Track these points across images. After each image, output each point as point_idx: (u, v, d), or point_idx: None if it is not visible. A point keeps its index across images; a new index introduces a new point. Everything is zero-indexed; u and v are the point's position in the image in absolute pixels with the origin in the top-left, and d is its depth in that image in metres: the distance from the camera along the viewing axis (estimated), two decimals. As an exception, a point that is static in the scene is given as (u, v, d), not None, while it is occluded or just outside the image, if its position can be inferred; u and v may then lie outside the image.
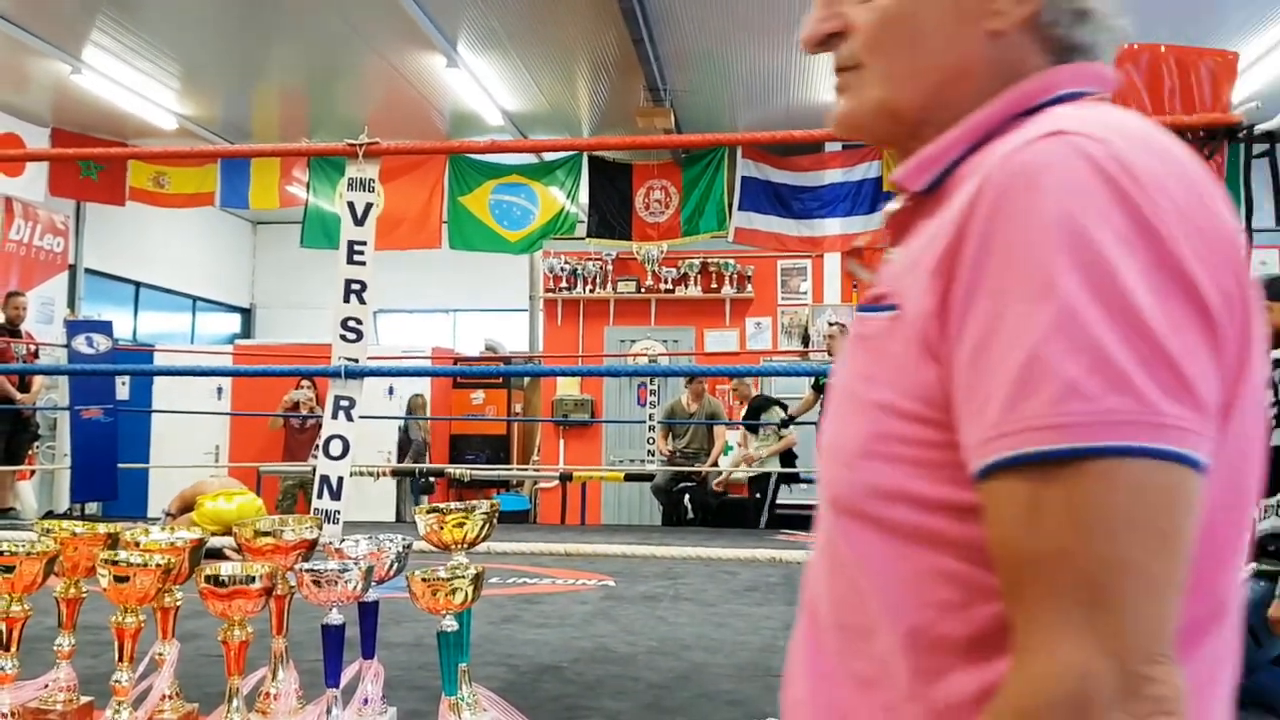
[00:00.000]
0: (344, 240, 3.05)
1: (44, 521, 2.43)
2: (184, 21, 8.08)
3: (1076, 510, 0.64)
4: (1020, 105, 0.80)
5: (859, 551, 0.79)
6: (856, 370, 0.81)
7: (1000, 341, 0.68)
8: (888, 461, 0.76)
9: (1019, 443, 0.66)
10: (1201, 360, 0.67)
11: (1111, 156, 0.69)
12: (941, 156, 0.82)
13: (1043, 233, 0.67)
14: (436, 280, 13.70)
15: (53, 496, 10.47)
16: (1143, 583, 0.64)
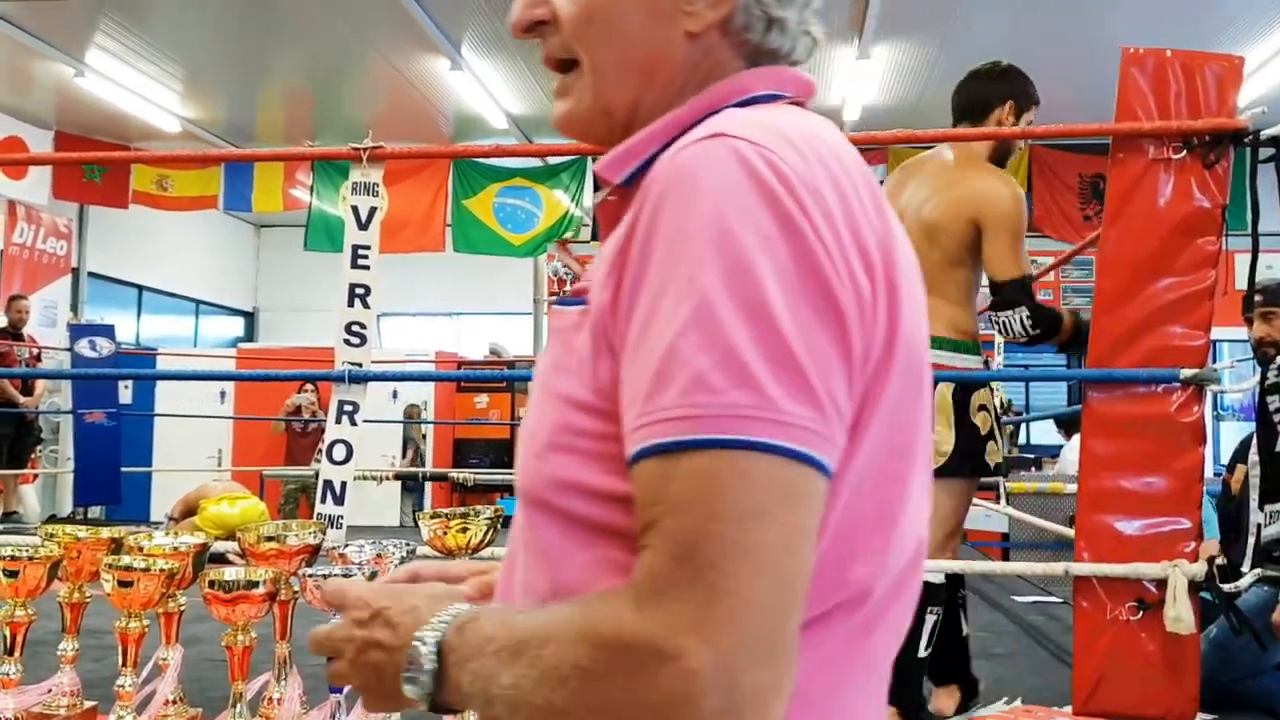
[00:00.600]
0: (348, 244, 3.04)
1: (47, 526, 2.42)
2: (187, 24, 8.09)
3: (699, 499, 0.65)
4: (711, 105, 0.83)
5: (542, 541, 0.80)
6: (550, 362, 0.83)
7: (650, 336, 0.69)
8: (568, 453, 0.76)
9: (654, 433, 0.67)
10: (829, 362, 0.69)
11: (764, 159, 0.70)
12: (638, 151, 0.84)
13: (694, 232, 0.69)
14: (440, 283, 13.70)
15: (55, 500, 10.48)
16: (763, 579, 0.65)
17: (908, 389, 0.75)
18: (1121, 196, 2.69)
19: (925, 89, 8.68)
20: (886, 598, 0.78)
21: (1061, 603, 5.07)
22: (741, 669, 0.64)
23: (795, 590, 0.67)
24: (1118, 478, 2.60)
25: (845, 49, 8.08)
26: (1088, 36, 7.74)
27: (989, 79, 3.02)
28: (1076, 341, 2.84)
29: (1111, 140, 2.72)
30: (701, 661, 0.63)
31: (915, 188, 2.91)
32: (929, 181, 2.90)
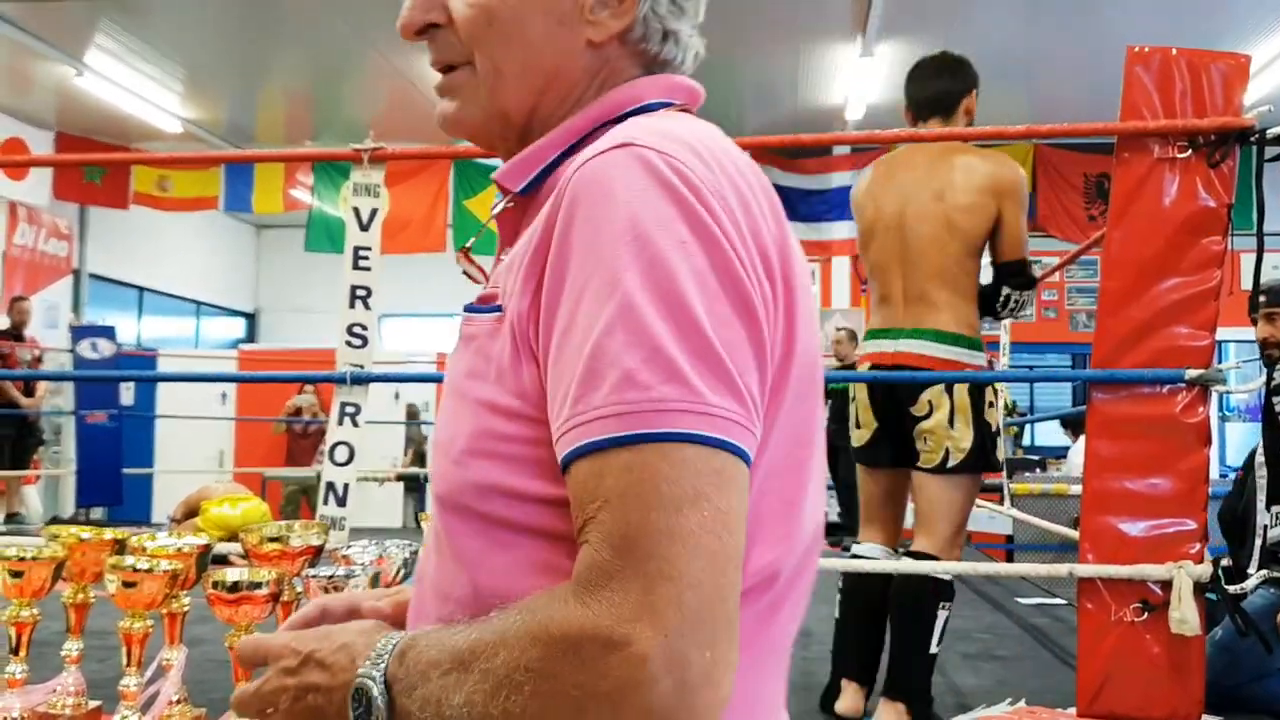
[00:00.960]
0: (349, 246, 3.04)
1: (51, 527, 2.42)
2: (188, 24, 8.08)
3: (635, 491, 0.68)
4: (609, 113, 0.87)
5: (460, 545, 0.81)
6: (463, 369, 0.85)
7: (574, 338, 0.72)
8: (490, 458, 0.78)
9: (586, 432, 0.70)
10: (746, 357, 0.73)
11: (671, 167, 0.74)
12: (537, 159, 0.87)
13: (612, 237, 0.72)
14: (441, 284, 13.66)
15: (58, 501, 10.47)
16: (701, 561, 0.67)
17: (807, 381, 0.80)
18: (1126, 196, 2.68)
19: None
20: (790, 580, 0.81)
21: (1066, 604, 5.06)
22: (689, 649, 0.66)
23: (733, 571, 0.69)
24: (1122, 479, 2.59)
25: (848, 47, 8.07)
26: (1092, 34, 7.74)
27: (952, 72, 3.06)
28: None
29: (1116, 139, 2.71)
30: (650, 646, 0.65)
31: (919, 179, 2.91)
32: (936, 172, 2.91)
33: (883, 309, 2.93)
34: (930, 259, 2.85)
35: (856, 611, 2.96)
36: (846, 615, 2.98)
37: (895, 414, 2.88)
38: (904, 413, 2.86)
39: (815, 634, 4.20)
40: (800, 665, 3.62)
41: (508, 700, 0.69)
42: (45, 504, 9.80)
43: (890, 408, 2.88)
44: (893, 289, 2.89)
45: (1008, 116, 9.67)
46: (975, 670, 3.54)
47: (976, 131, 3.08)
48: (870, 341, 2.98)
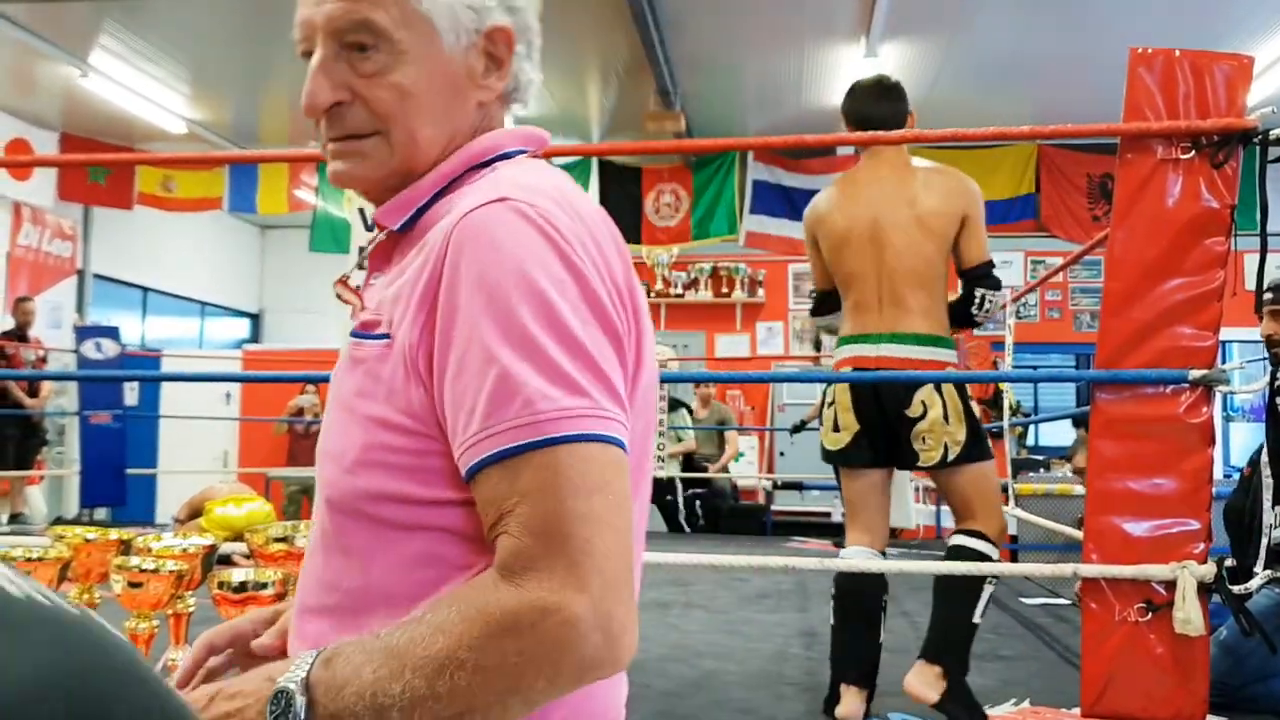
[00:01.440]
0: (355, 247, 3.04)
1: (56, 528, 2.42)
2: (192, 25, 8.09)
3: (551, 486, 0.82)
4: (476, 158, 1.02)
5: (354, 541, 0.94)
6: (352, 388, 0.96)
7: (474, 366, 0.85)
8: (380, 468, 0.91)
9: (500, 440, 0.84)
10: (616, 370, 0.90)
11: (543, 218, 0.90)
12: (414, 200, 1.01)
13: (500, 278, 0.86)
14: (445, 284, 13.69)
15: (62, 501, 10.49)
16: (610, 535, 0.83)
17: (648, 394, 0.97)
18: (1130, 197, 2.68)
19: (933, 89, 8.65)
20: (639, 551, 0.96)
21: (1069, 604, 5.06)
22: (611, 607, 0.82)
23: (630, 540, 0.86)
24: (1126, 479, 2.59)
25: (852, 48, 8.07)
26: (1096, 36, 7.73)
27: (899, 95, 3.24)
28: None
29: (1120, 140, 2.71)
30: (582, 608, 0.80)
31: (888, 191, 2.99)
32: (904, 183, 3.00)
33: (858, 315, 2.99)
34: (906, 263, 2.93)
35: (852, 614, 2.96)
36: (843, 619, 2.97)
37: (880, 417, 2.92)
38: (892, 415, 2.91)
39: (820, 635, 4.20)
40: (804, 665, 3.62)
41: (452, 679, 0.79)
42: (49, 504, 9.82)
43: (875, 411, 2.92)
44: (868, 295, 2.96)
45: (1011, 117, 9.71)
46: (979, 670, 3.53)
47: (983, 132, 3.09)
48: (848, 346, 3.01)
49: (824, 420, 3.02)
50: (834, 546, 7.69)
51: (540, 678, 0.80)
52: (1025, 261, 10.67)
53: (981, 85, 8.66)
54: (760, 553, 6.88)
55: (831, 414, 2.99)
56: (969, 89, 8.62)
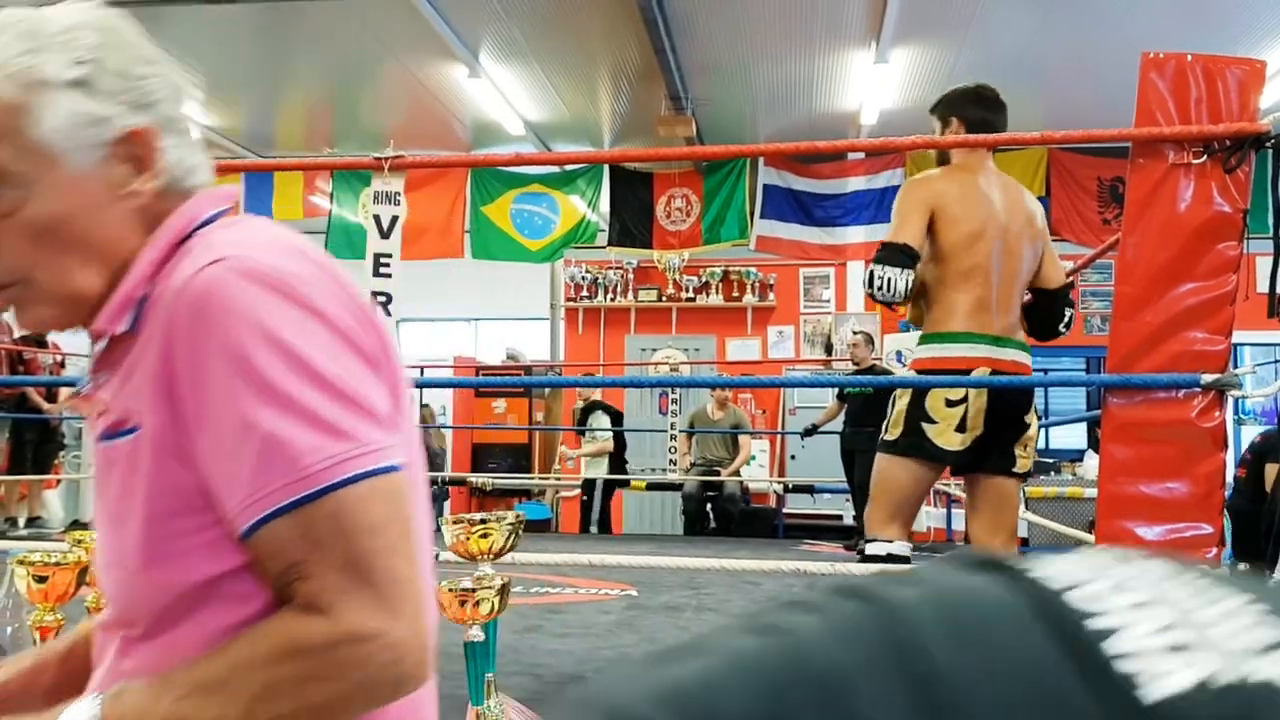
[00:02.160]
0: (370, 253, 3.06)
1: (74, 532, 2.45)
2: (208, 33, 8.15)
3: (343, 529, 0.85)
4: (177, 237, 0.98)
5: (155, 632, 0.93)
6: (115, 492, 0.95)
7: (234, 435, 0.85)
8: (165, 559, 0.90)
9: (278, 498, 0.84)
10: (379, 395, 0.92)
11: (266, 268, 0.89)
12: (130, 298, 0.95)
13: (240, 340, 0.86)
14: (458, 289, 13.73)
15: (78, 505, 10.54)
16: (402, 559, 0.87)
17: (406, 405, 0.99)
18: (1141, 201, 2.68)
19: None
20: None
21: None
22: (419, 624, 0.87)
23: (422, 559, 0.92)
24: (1138, 483, 2.60)
25: (862, 53, 8.08)
26: (1107, 40, 7.72)
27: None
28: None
29: (1131, 145, 2.72)
30: (400, 632, 0.85)
31: (1012, 201, 3.00)
32: (1020, 199, 3.05)
33: (978, 313, 2.86)
34: (1022, 273, 2.95)
35: None
36: None
37: (1005, 421, 2.85)
38: (1012, 420, 2.86)
39: (832, 638, 4.21)
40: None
41: (268, 707, 0.83)
42: (66, 508, 9.88)
43: (1003, 414, 2.84)
44: (988, 295, 2.88)
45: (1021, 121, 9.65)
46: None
47: (994, 138, 3.09)
48: (971, 345, 2.87)
49: (939, 416, 2.82)
50: (845, 549, 7.69)
51: (359, 700, 0.86)
52: (1038, 265, 10.64)
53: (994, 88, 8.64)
54: (772, 556, 6.88)
55: (958, 413, 2.82)
56: (981, 92, 8.60)
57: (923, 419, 2.83)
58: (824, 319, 11.07)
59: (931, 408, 2.83)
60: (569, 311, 11.53)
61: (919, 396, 2.85)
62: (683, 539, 8.92)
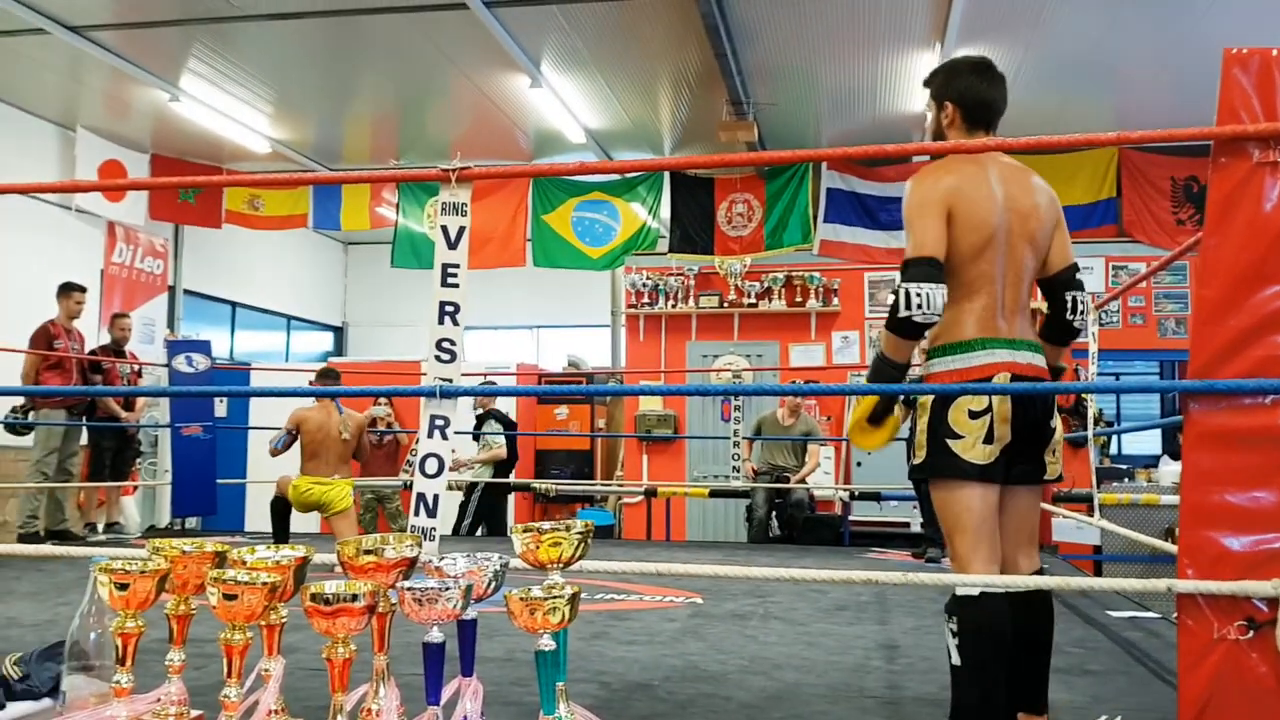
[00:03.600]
0: (438, 263, 3.08)
1: (153, 540, 2.50)
2: (277, 49, 8.30)
3: None
4: None
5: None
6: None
7: None
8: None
9: None
10: None
11: None
12: None
13: None
14: (520, 297, 13.85)
15: (155, 511, 10.78)
16: None
17: None
18: (1223, 202, 2.61)
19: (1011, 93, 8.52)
20: None
21: (1159, 618, 4.94)
22: None
23: None
24: (1223, 492, 2.52)
25: (927, 55, 7.99)
26: (1181, 36, 7.56)
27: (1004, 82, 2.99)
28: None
29: (1213, 144, 2.64)
30: None
31: (1014, 193, 2.81)
32: (1025, 190, 2.83)
33: (989, 318, 2.73)
34: (1026, 273, 2.78)
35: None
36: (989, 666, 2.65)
37: (1032, 428, 2.74)
38: (1040, 425, 2.74)
39: (901, 646, 4.16)
40: (886, 678, 3.58)
41: None
42: (143, 514, 10.10)
43: (1029, 421, 2.72)
44: (994, 299, 2.73)
45: (1091, 120, 9.53)
46: (1067, 685, 3.47)
47: (1067, 140, 3.02)
48: (989, 351, 2.73)
49: (964, 429, 2.68)
50: (913, 557, 7.60)
51: None
52: (1107, 268, 10.45)
53: (1060, 88, 8.51)
54: (838, 564, 6.82)
55: (984, 424, 2.68)
56: (1048, 92, 8.48)
57: (947, 435, 2.68)
58: (889, 324, 10.94)
59: (955, 421, 2.67)
60: (630, 318, 11.55)
61: (940, 411, 2.70)
62: (747, 546, 8.87)
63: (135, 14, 7.69)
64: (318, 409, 7.20)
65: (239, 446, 10.90)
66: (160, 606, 2.41)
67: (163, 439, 10.27)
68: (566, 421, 11.88)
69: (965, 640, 2.63)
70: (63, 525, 7.95)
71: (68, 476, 8.00)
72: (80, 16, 7.73)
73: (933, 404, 2.72)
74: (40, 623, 4.41)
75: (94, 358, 8.28)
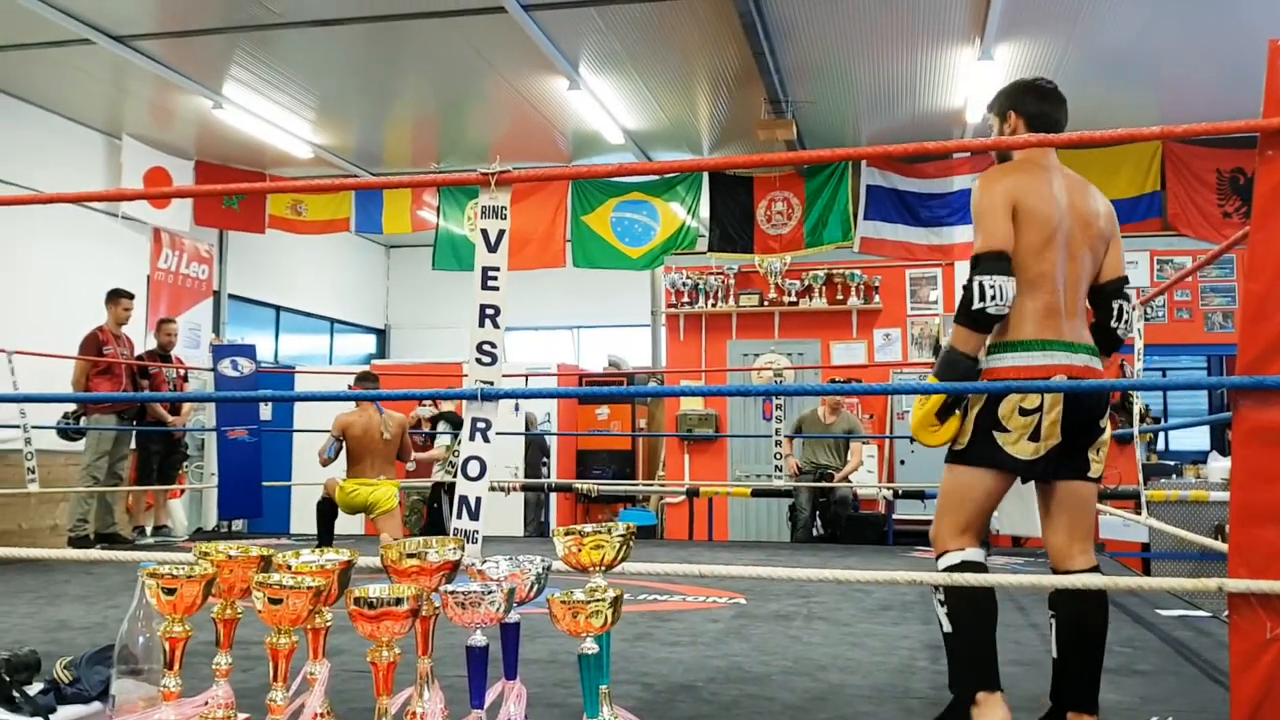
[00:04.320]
0: (478, 266, 3.10)
1: (201, 544, 2.53)
2: (318, 55, 8.38)
3: None
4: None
5: None
6: None
7: None
8: None
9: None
10: None
11: None
12: None
13: None
14: (559, 297, 13.88)
15: (201, 514, 10.93)
16: None
17: None
18: (1271, 194, 2.56)
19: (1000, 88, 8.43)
20: None
21: (1210, 616, 4.86)
22: None
23: None
24: (1275, 488, 2.48)
25: (966, 50, 7.93)
26: (1225, 27, 7.43)
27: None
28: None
29: (1260, 136, 2.60)
30: None
31: (1076, 202, 2.85)
32: (1087, 198, 2.89)
33: (1049, 320, 2.75)
34: (1085, 277, 2.83)
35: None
36: (979, 622, 2.81)
37: (1079, 429, 2.77)
38: (1088, 427, 2.78)
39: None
40: (931, 679, 3.56)
41: None
42: (190, 516, 10.24)
43: (1079, 422, 2.75)
44: (1056, 301, 2.77)
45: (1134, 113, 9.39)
46: (1116, 685, 3.42)
47: (1110, 135, 2.98)
48: (1047, 352, 2.75)
49: (1011, 424, 2.72)
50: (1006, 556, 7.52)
51: None
52: (1151, 262, 10.31)
53: (1102, 81, 8.40)
54: (882, 563, 6.78)
55: (1032, 421, 2.73)
56: (1089, 86, 8.38)
57: (994, 426, 2.73)
58: (932, 320, 10.87)
59: (1004, 415, 2.72)
60: (670, 318, 11.54)
61: (991, 404, 2.74)
62: (790, 546, 8.84)
63: (179, 23, 7.80)
64: (359, 413, 7.28)
65: (284, 449, 11.02)
66: (207, 610, 2.45)
67: (209, 442, 10.40)
68: (607, 421, 11.90)
69: (952, 605, 2.74)
70: (112, 528, 8.07)
71: (117, 480, 8.12)
72: (125, 26, 7.85)
73: (986, 399, 2.76)
74: (90, 625, 4.48)
75: (141, 362, 8.41)
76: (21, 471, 7.32)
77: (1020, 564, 6.82)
